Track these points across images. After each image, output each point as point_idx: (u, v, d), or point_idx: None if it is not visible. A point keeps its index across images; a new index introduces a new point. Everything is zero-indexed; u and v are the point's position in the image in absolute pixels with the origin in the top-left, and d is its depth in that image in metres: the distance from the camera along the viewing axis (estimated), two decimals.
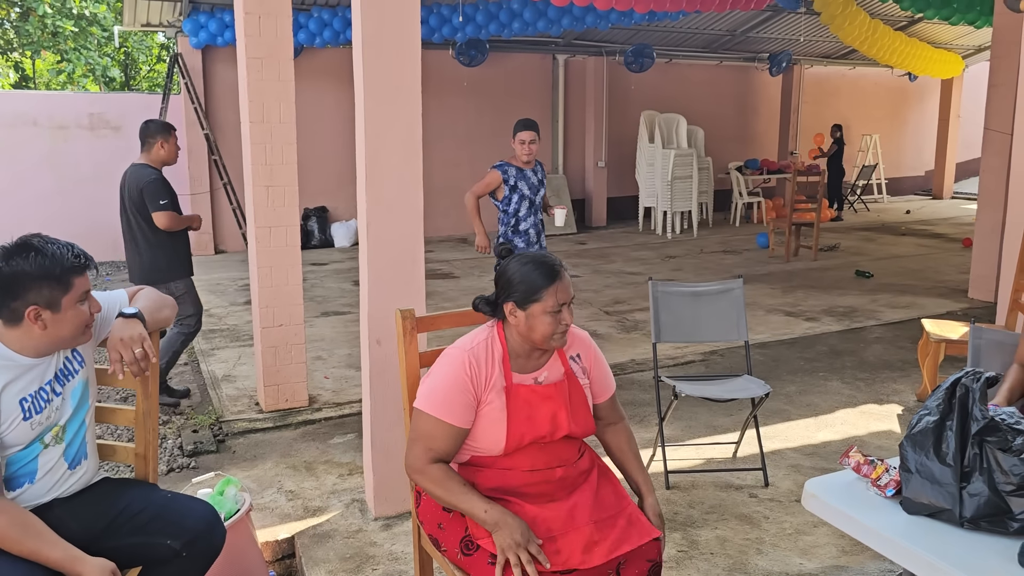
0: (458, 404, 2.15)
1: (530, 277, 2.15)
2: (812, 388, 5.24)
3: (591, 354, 2.36)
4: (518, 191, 5.17)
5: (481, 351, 2.20)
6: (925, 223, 13.42)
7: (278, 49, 4.56)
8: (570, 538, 2.07)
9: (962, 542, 1.73)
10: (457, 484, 2.11)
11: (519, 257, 2.23)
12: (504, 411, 2.16)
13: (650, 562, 2.16)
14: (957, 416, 1.83)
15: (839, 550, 3.25)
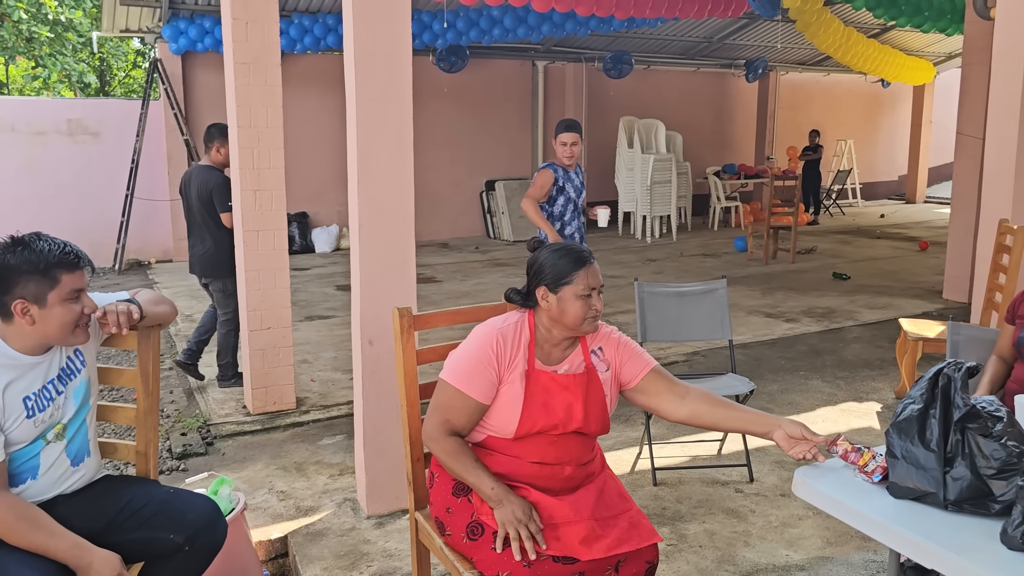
0: (482, 379, 2.20)
1: (561, 263, 2.23)
2: (794, 387, 5.34)
3: (613, 344, 2.35)
4: (564, 193, 5.02)
5: (510, 332, 2.25)
6: (899, 227, 13.66)
7: (265, 54, 4.60)
8: (571, 528, 2.12)
9: (946, 524, 1.81)
10: (469, 459, 2.18)
11: (550, 246, 2.31)
12: (522, 395, 2.20)
13: (648, 563, 2.21)
14: (940, 404, 1.91)
15: (824, 541, 3.33)
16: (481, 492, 2.15)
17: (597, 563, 2.12)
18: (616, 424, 4.66)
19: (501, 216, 12.49)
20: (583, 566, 2.10)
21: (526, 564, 2.03)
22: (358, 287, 3.45)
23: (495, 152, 12.94)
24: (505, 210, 12.39)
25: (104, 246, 10.12)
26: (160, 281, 9.33)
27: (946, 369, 1.95)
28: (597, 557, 2.09)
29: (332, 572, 3.15)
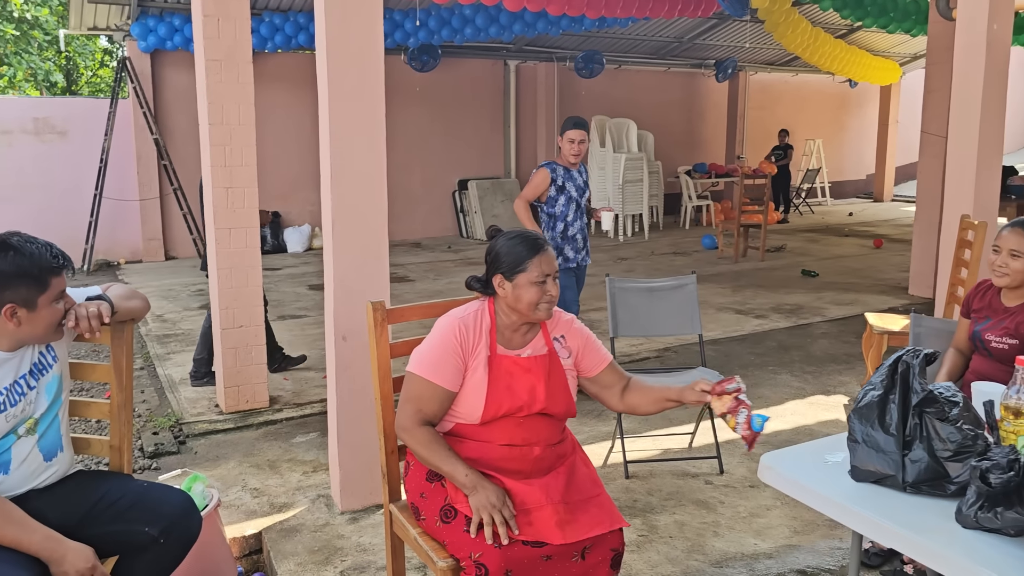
0: (448, 367, 2.27)
1: (516, 250, 2.31)
2: (763, 381, 5.43)
3: (575, 333, 2.45)
4: (565, 192, 4.97)
5: (471, 320, 2.33)
6: (867, 224, 13.88)
7: (236, 52, 4.58)
8: (543, 513, 2.16)
9: (905, 505, 1.87)
10: (442, 448, 2.23)
11: (505, 234, 2.40)
12: (486, 380, 2.27)
13: (613, 551, 2.26)
14: (899, 390, 1.97)
15: (791, 530, 3.40)
16: (455, 480, 2.19)
17: (565, 548, 2.17)
18: (589, 419, 4.71)
19: (474, 215, 12.51)
20: (551, 550, 2.15)
21: (497, 546, 2.07)
22: (331, 283, 3.46)
23: (467, 151, 12.95)
24: (478, 209, 12.41)
25: (72, 247, 9.98)
26: (130, 282, 9.23)
27: (905, 356, 2.01)
28: (569, 541, 2.13)
29: (306, 567, 3.16)
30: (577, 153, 4.91)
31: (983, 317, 2.97)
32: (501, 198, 12.67)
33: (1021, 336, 2.81)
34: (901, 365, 2.00)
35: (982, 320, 2.97)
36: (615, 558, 2.26)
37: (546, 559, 2.15)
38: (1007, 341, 2.84)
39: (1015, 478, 1.69)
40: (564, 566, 2.19)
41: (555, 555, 2.16)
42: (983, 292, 3.03)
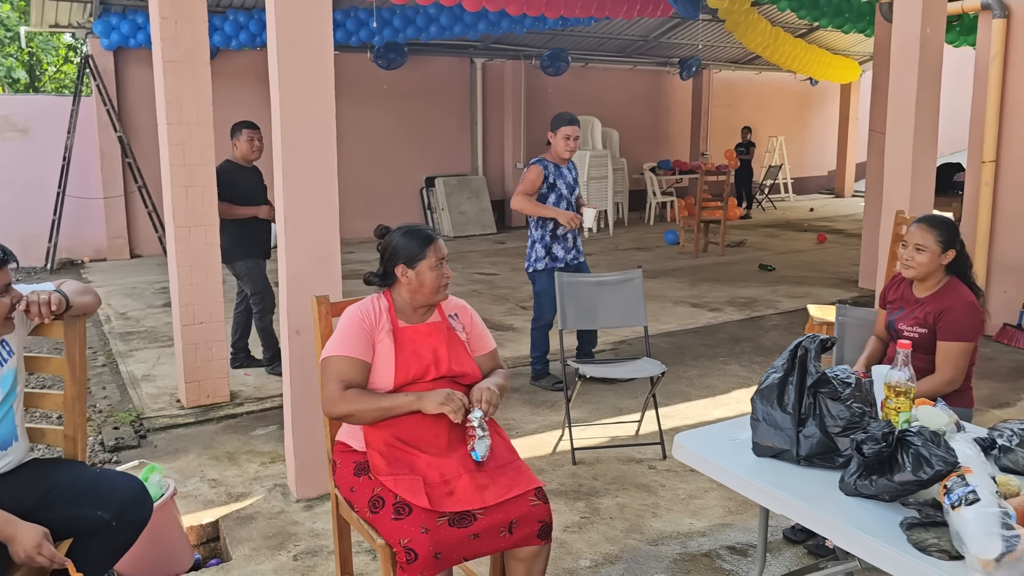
0: (357, 340, 2.46)
1: (413, 243, 2.54)
2: (712, 371, 5.62)
3: (468, 314, 2.70)
4: (556, 190, 5.03)
5: (369, 304, 2.56)
6: (827, 220, 14.19)
7: (194, 52, 4.68)
8: (463, 481, 2.31)
9: (798, 476, 2.05)
10: (375, 394, 2.42)
11: (398, 229, 2.61)
12: (392, 348, 2.48)
13: (540, 522, 2.38)
14: (797, 372, 2.14)
15: (725, 510, 3.59)
16: (402, 407, 2.38)
17: (492, 525, 2.30)
18: (540, 408, 4.88)
19: (441, 212, 12.63)
20: (479, 528, 2.28)
21: (424, 531, 2.20)
22: (285, 279, 3.58)
23: (434, 149, 13.06)
24: (445, 206, 12.53)
25: (35, 245, 9.98)
26: (94, 280, 9.25)
27: (804, 342, 2.19)
28: (488, 504, 2.27)
29: (260, 552, 3.29)
30: (572, 149, 5.00)
31: (897, 308, 3.17)
32: (468, 195, 12.80)
33: (930, 325, 3.00)
34: (800, 350, 2.17)
35: (896, 310, 3.16)
36: (543, 529, 2.39)
37: (474, 537, 2.28)
38: (917, 330, 3.03)
39: (887, 449, 1.86)
40: (493, 541, 2.33)
41: (482, 533, 2.29)
42: (897, 284, 3.22)
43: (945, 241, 2.98)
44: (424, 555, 2.18)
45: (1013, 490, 1.86)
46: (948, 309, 2.96)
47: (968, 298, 2.98)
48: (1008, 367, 5.78)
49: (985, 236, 6.42)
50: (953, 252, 3.00)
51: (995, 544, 1.56)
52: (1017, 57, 6.18)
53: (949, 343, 2.94)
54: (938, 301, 3.00)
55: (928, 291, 3.05)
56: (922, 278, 3.03)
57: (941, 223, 3.02)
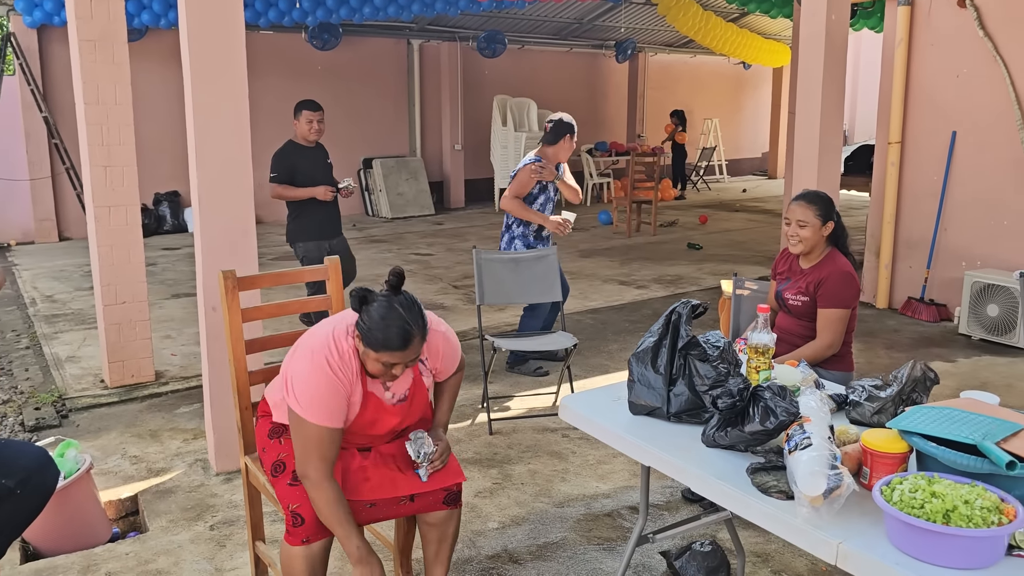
0: (337, 408, 2.28)
1: (386, 334, 2.21)
2: (632, 345, 5.82)
3: (437, 349, 2.49)
4: (546, 192, 5.14)
5: (338, 365, 2.28)
6: (758, 200, 14.57)
7: (111, 31, 4.66)
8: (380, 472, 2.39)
9: (668, 432, 2.21)
10: (344, 512, 2.25)
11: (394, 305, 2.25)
12: (357, 409, 2.34)
13: (446, 491, 2.48)
14: (670, 336, 2.31)
15: (630, 474, 3.78)
16: (345, 547, 2.25)
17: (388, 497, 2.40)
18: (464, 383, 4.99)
19: (379, 194, 12.63)
20: (379, 504, 2.40)
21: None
22: (200, 257, 3.64)
23: (372, 130, 13.04)
24: (383, 188, 12.54)
25: None
26: (20, 263, 9.07)
27: (678, 307, 2.35)
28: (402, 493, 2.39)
29: (178, 523, 3.37)
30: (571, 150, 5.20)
31: (784, 279, 3.38)
32: (406, 176, 12.82)
33: (811, 294, 3.22)
34: (674, 315, 2.33)
35: (783, 282, 3.37)
36: (449, 496, 2.49)
37: (370, 506, 2.39)
38: (800, 298, 3.25)
39: (740, 403, 2.04)
40: (392, 509, 2.44)
41: (379, 502, 2.40)
42: (786, 257, 3.43)
43: (823, 214, 3.19)
44: (311, 520, 2.28)
45: (851, 438, 2.05)
46: (826, 278, 3.18)
47: (845, 267, 3.21)
48: (911, 338, 6.11)
49: (892, 214, 6.73)
50: (832, 223, 3.22)
51: (820, 482, 1.74)
52: (920, 42, 6.48)
53: (827, 310, 3.16)
54: (818, 271, 3.22)
55: (811, 263, 3.27)
56: (807, 251, 3.24)
57: (818, 198, 3.23)
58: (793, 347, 3.25)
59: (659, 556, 3.05)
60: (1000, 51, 5.99)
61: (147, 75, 10.58)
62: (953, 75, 6.31)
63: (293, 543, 2.30)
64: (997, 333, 5.85)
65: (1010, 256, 6.07)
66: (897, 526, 1.64)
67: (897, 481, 1.73)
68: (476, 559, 3.08)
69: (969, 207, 6.32)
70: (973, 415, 1.90)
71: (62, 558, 3.11)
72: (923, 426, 1.86)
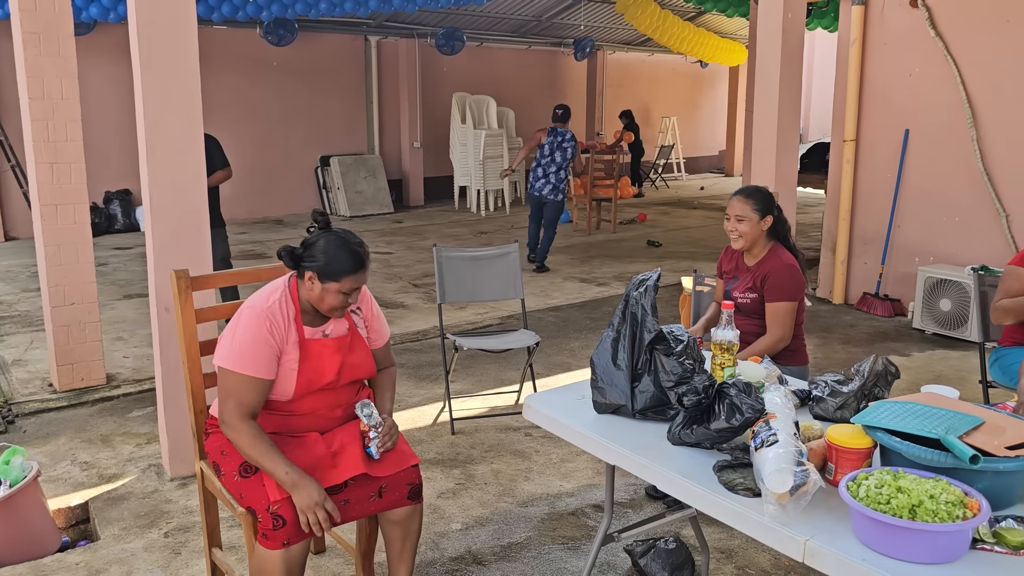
0: (263, 359, 2.32)
1: (339, 260, 2.33)
2: (593, 343, 5.81)
3: (368, 305, 2.60)
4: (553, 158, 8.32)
5: (277, 310, 2.37)
6: (716, 198, 14.71)
7: (57, 24, 4.51)
8: (348, 451, 2.37)
9: (633, 430, 2.19)
10: (266, 444, 2.28)
11: (334, 235, 2.39)
12: (297, 362, 2.37)
13: (410, 485, 2.49)
14: (628, 327, 2.27)
15: (594, 472, 3.76)
16: (276, 477, 2.25)
17: (362, 491, 2.39)
18: (424, 382, 4.96)
19: (337, 192, 12.48)
20: (349, 494, 2.36)
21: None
22: (152, 256, 3.54)
23: (329, 127, 12.88)
24: (341, 185, 12.39)
25: None
26: None
27: (632, 294, 2.31)
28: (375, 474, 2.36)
29: (131, 531, 3.26)
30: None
31: (732, 277, 3.39)
32: (364, 174, 12.68)
33: (758, 290, 3.23)
34: (631, 304, 2.30)
35: (731, 280, 3.38)
36: (412, 490, 2.49)
37: (344, 503, 2.36)
38: (748, 295, 3.26)
39: (705, 400, 2.03)
40: (364, 506, 2.42)
41: (352, 499, 2.38)
42: (731, 256, 3.44)
43: (762, 209, 3.19)
44: (292, 521, 2.23)
45: (815, 433, 2.05)
46: (771, 272, 3.20)
47: (788, 261, 3.22)
48: (867, 333, 6.21)
49: (847, 211, 6.83)
50: (771, 218, 3.22)
51: (787, 479, 1.73)
52: (874, 42, 6.58)
53: (774, 304, 3.18)
54: (762, 267, 3.24)
55: (756, 259, 3.28)
56: (749, 247, 3.25)
57: (756, 192, 3.24)
58: (745, 344, 3.26)
59: (624, 554, 3.03)
60: (951, 51, 6.11)
61: (97, 70, 10.32)
62: (906, 74, 6.41)
63: (272, 547, 2.24)
64: (950, 327, 5.97)
65: (961, 252, 6.19)
66: (864, 522, 1.63)
67: (863, 477, 1.73)
68: (440, 561, 3.04)
69: (922, 204, 6.44)
70: (935, 409, 1.91)
71: (8, 570, 3.00)
72: (887, 421, 1.87)
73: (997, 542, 1.63)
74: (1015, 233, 5.93)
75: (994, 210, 6.01)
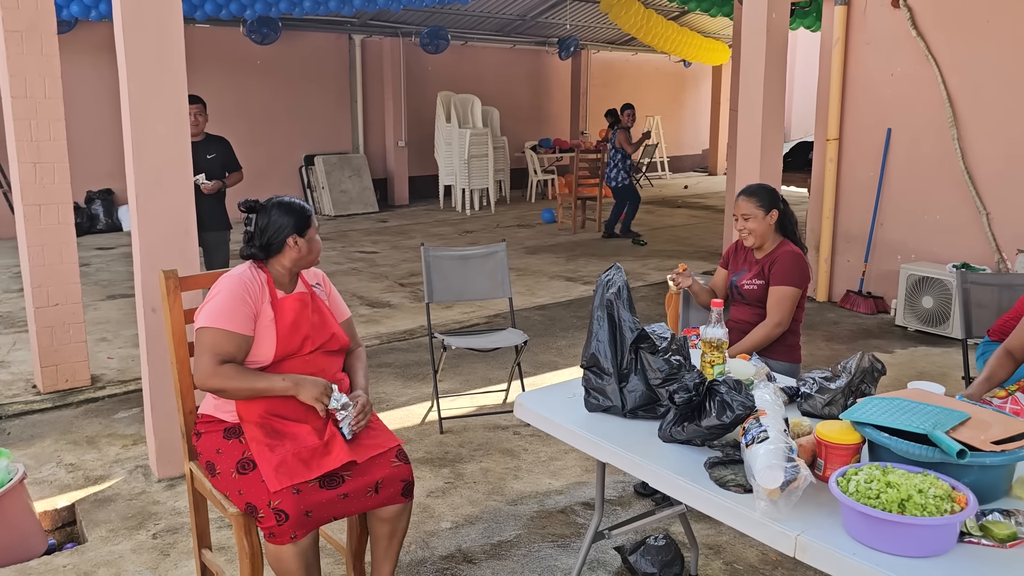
0: (239, 315, 2.44)
1: (298, 210, 2.60)
2: (580, 341, 5.83)
3: (328, 284, 2.78)
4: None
5: (250, 275, 2.55)
6: (699, 196, 14.79)
7: (39, 22, 4.47)
8: (338, 438, 2.39)
9: (624, 427, 2.21)
10: (251, 372, 2.43)
11: (272, 202, 2.62)
12: (274, 322, 2.49)
13: (403, 481, 2.50)
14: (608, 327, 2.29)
15: (583, 470, 3.78)
16: (277, 389, 2.40)
17: (359, 486, 2.38)
18: (411, 381, 4.96)
19: (321, 191, 12.44)
20: (347, 488, 2.36)
21: (295, 491, 2.26)
22: (139, 256, 3.52)
23: (313, 126, 12.82)
24: (325, 185, 12.35)
25: None
26: None
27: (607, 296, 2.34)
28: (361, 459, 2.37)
29: (118, 532, 3.25)
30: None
31: (739, 269, 3.45)
32: (349, 173, 12.65)
33: (766, 276, 3.31)
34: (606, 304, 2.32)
35: (738, 272, 3.44)
36: (406, 487, 2.50)
37: (343, 497, 2.36)
38: (755, 282, 3.34)
39: (696, 398, 2.05)
40: (361, 501, 2.41)
41: (351, 493, 2.37)
42: (740, 249, 3.50)
43: (765, 204, 3.29)
44: (295, 515, 2.24)
45: (804, 430, 2.08)
46: (779, 258, 3.32)
47: (795, 250, 3.35)
48: (850, 330, 6.26)
49: (831, 209, 6.89)
50: (776, 212, 3.31)
51: (778, 475, 1.75)
52: (856, 41, 6.63)
53: (779, 287, 3.26)
54: (771, 255, 3.34)
55: (765, 252, 3.36)
56: (760, 243, 3.34)
57: (759, 189, 3.34)
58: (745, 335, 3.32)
59: (613, 551, 3.05)
60: (932, 51, 6.18)
61: (77, 69, 10.22)
62: (888, 73, 6.47)
63: (281, 543, 2.25)
64: (932, 324, 6.04)
65: (943, 250, 6.26)
66: (854, 516, 1.65)
67: (852, 472, 1.75)
68: (430, 559, 3.05)
69: (904, 202, 6.50)
70: (922, 405, 1.93)
71: None
72: (875, 417, 1.89)
73: (984, 535, 1.66)
74: (995, 231, 6.00)
75: (975, 208, 6.08)
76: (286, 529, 2.24)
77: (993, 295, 3.58)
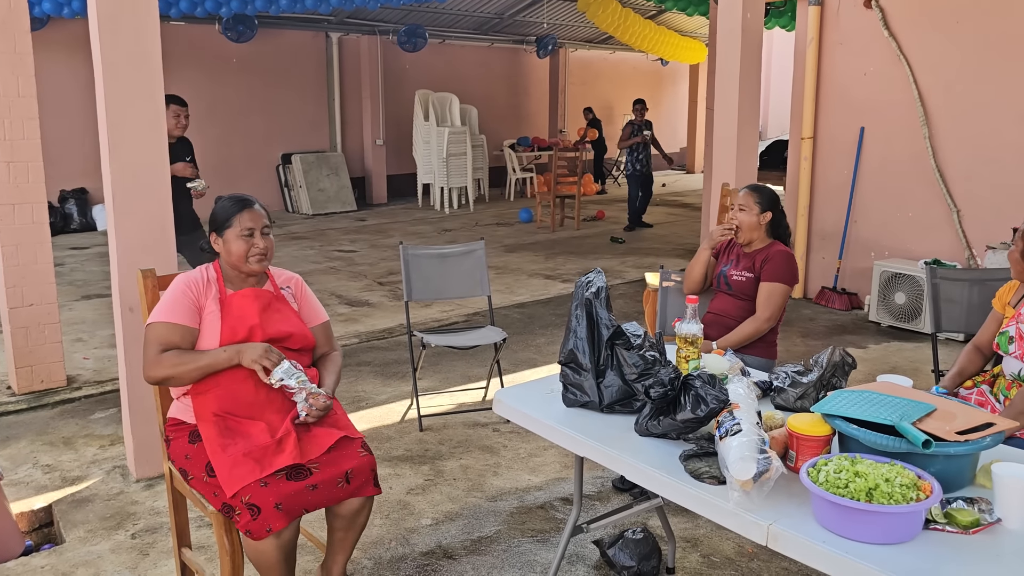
0: (180, 307, 2.47)
1: (224, 208, 2.58)
2: (559, 339, 5.84)
3: (300, 287, 2.75)
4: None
5: (198, 274, 2.57)
6: (677, 194, 14.89)
7: (12, 20, 4.43)
8: (292, 437, 2.38)
9: (601, 422, 2.24)
10: (192, 352, 2.45)
11: (221, 198, 2.64)
12: (219, 315, 2.50)
13: (373, 471, 2.48)
14: (586, 325, 2.33)
15: (561, 466, 3.81)
16: (220, 362, 2.41)
17: (328, 476, 2.37)
18: (391, 380, 4.97)
19: (299, 190, 12.39)
20: (316, 479, 2.35)
21: (263, 484, 2.26)
22: (116, 256, 3.50)
23: (290, 125, 12.77)
24: (303, 183, 12.30)
25: None
26: None
27: (587, 296, 2.37)
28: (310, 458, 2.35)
29: (96, 533, 3.24)
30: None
31: (728, 261, 3.52)
32: (327, 172, 12.61)
33: (756, 271, 3.38)
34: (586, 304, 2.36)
35: (727, 263, 3.51)
36: (375, 478, 2.49)
37: (312, 488, 2.36)
38: (745, 274, 3.41)
39: (671, 392, 2.08)
40: (332, 492, 2.41)
41: (320, 484, 2.36)
42: (733, 245, 3.57)
43: (763, 204, 3.40)
44: (266, 509, 2.24)
45: (777, 423, 2.12)
46: (771, 256, 3.40)
47: (788, 250, 3.47)
48: (825, 326, 6.35)
49: (805, 207, 6.97)
50: (770, 214, 3.41)
51: (751, 467, 1.79)
52: (830, 41, 6.72)
53: (770, 283, 3.34)
54: (764, 252, 3.43)
55: (754, 248, 3.44)
56: (747, 240, 3.41)
57: (763, 189, 3.49)
58: (728, 330, 3.38)
59: (592, 545, 3.09)
60: (904, 51, 6.27)
61: (49, 67, 10.11)
62: (861, 73, 6.57)
63: (259, 536, 2.25)
64: (904, 320, 6.13)
65: (914, 246, 6.36)
66: (823, 506, 1.70)
67: (822, 463, 1.80)
68: (410, 556, 3.07)
69: (877, 200, 6.60)
70: (890, 397, 1.98)
71: None
72: (844, 409, 1.94)
73: (948, 522, 1.71)
74: (966, 228, 6.11)
75: (946, 206, 6.18)
76: (261, 523, 2.24)
77: (963, 291, 3.65)
